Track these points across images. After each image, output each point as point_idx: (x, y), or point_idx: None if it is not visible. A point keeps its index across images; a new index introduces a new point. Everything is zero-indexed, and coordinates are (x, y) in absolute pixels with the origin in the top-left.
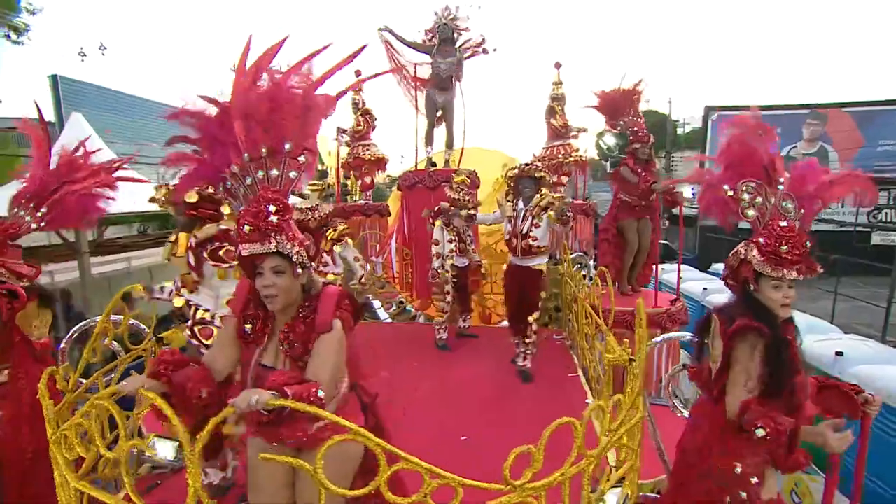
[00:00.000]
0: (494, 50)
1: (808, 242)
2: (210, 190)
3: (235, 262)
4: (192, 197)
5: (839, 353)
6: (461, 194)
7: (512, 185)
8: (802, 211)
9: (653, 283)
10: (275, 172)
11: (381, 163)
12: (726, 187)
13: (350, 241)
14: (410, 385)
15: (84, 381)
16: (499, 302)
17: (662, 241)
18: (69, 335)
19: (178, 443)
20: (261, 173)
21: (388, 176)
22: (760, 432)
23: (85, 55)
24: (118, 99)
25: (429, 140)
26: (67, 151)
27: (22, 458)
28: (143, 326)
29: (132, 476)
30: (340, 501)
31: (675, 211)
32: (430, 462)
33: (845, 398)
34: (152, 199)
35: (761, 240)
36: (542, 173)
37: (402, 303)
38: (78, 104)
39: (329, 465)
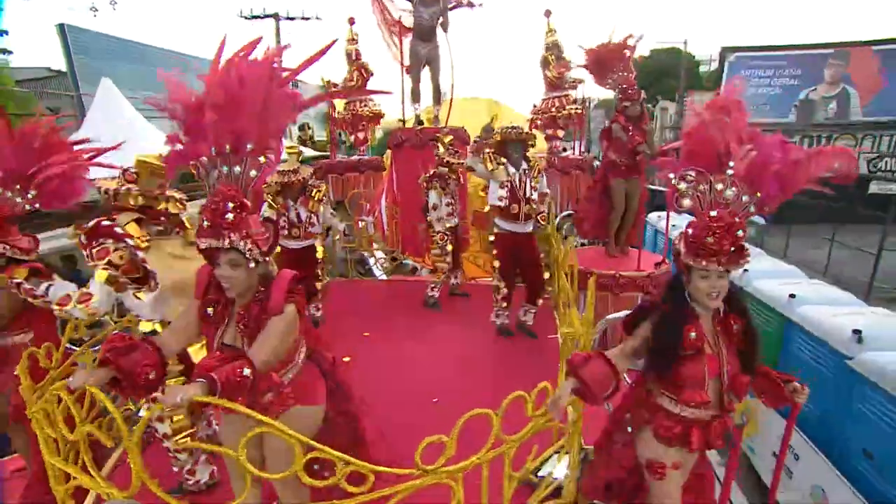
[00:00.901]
0: (480, 4)
1: (739, 231)
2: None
3: None
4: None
5: (792, 296)
6: (456, 157)
7: (498, 149)
8: (755, 196)
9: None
10: (237, 170)
11: (377, 118)
12: (671, 176)
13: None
14: (394, 344)
15: (75, 347)
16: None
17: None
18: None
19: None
20: (225, 168)
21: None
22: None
23: (97, 10)
24: (126, 46)
25: (415, 96)
26: (41, 131)
27: None
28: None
29: (88, 453)
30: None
31: None
32: (394, 423)
33: (775, 385)
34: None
35: (689, 230)
36: (525, 135)
37: (395, 258)
38: (86, 52)
39: (298, 425)
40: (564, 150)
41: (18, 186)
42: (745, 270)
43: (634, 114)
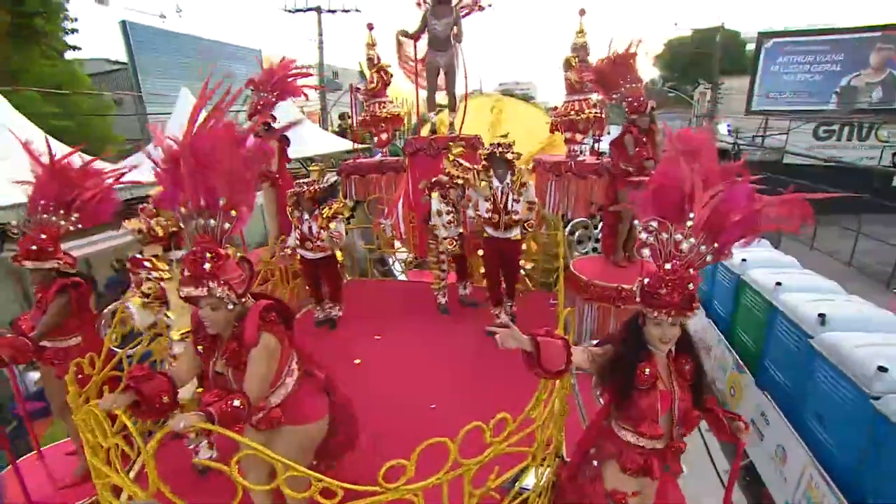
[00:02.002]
0: (490, 5)
1: (690, 285)
2: None
3: None
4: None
5: (778, 284)
6: (460, 169)
7: (485, 164)
8: (712, 246)
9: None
10: (212, 223)
11: (397, 120)
12: (636, 223)
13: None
14: (402, 348)
15: (119, 349)
16: None
17: None
18: (103, 317)
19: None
20: (201, 220)
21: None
22: None
23: (164, 17)
24: (180, 39)
25: (431, 105)
26: (74, 164)
27: None
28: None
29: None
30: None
31: (718, 144)
32: (391, 428)
33: (720, 422)
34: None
35: (646, 280)
36: (512, 156)
37: (416, 258)
38: (145, 47)
39: (287, 443)
40: (581, 154)
41: (62, 211)
42: (744, 260)
43: (644, 125)
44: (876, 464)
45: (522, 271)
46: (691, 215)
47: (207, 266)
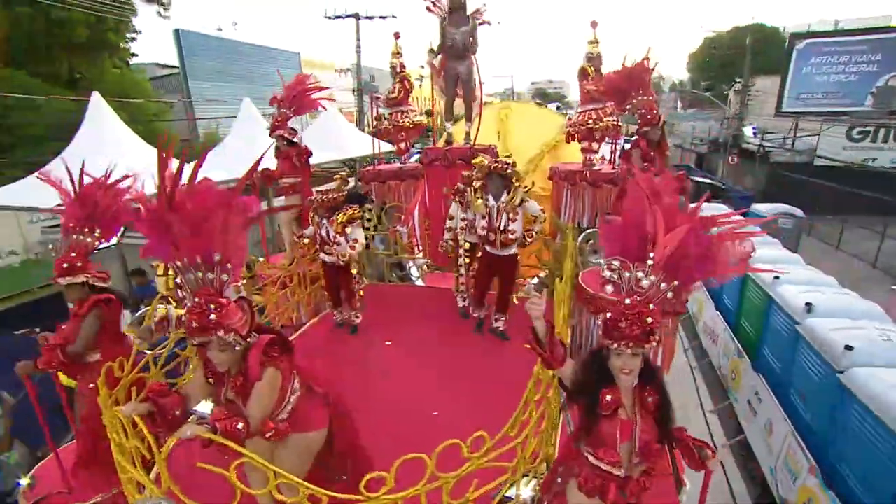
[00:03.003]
0: (500, 23)
1: (649, 319)
2: None
3: None
4: None
5: (776, 278)
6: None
7: (482, 181)
8: (671, 284)
9: None
10: (210, 276)
11: (418, 128)
12: (601, 262)
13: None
14: (413, 354)
15: (148, 352)
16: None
17: (718, 181)
18: (131, 321)
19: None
20: (200, 274)
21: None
22: None
23: (221, 29)
24: (225, 45)
25: (449, 114)
26: (98, 183)
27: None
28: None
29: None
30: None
31: (746, 145)
32: (388, 432)
33: (689, 450)
34: None
35: (608, 314)
36: (509, 171)
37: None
38: (196, 52)
39: (290, 449)
40: (594, 163)
41: (87, 229)
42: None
43: (655, 138)
44: (840, 429)
45: (536, 278)
46: (651, 255)
47: (213, 317)
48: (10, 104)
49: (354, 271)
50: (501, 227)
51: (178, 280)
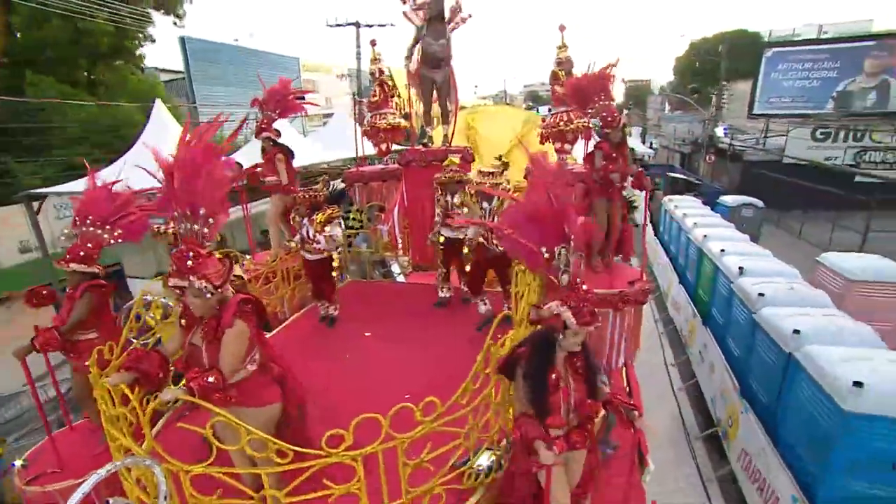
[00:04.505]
0: (469, 15)
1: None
2: None
3: None
4: None
5: (741, 269)
6: (446, 175)
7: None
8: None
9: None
10: (195, 227)
11: (397, 131)
12: (544, 250)
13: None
14: (389, 344)
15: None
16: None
17: (694, 178)
18: (122, 312)
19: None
20: (187, 225)
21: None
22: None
23: (237, 39)
24: (226, 50)
25: (427, 119)
26: (121, 193)
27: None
28: (170, 304)
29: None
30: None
31: (721, 145)
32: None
33: (617, 410)
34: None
35: (572, 303)
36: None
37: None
38: (200, 57)
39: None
40: (567, 163)
41: (107, 226)
42: (706, 236)
43: (616, 140)
44: (752, 354)
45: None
46: (570, 237)
47: (189, 263)
48: (41, 108)
49: (336, 262)
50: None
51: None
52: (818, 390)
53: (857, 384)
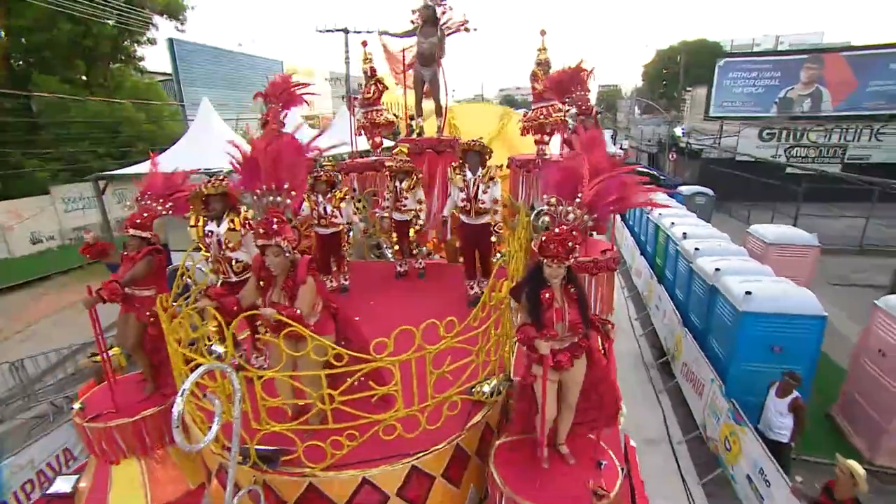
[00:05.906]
0: (475, 29)
1: (570, 243)
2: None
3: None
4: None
5: (697, 249)
6: (396, 163)
7: (461, 158)
8: (592, 217)
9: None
10: (279, 199)
11: (390, 125)
12: (546, 197)
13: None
14: (389, 308)
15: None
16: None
17: (657, 173)
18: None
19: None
20: (271, 198)
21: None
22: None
23: (241, 44)
24: (219, 53)
25: (418, 111)
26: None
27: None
28: (203, 269)
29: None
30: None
31: (682, 144)
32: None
33: (597, 327)
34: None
35: (543, 238)
36: (480, 149)
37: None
38: (189, 59)
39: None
40: (546, 153)
41: (161, 200)
42: (660, 215)
43: (590, 126)
44: (690, 292)
45: (499, 254)
46: (579, 195)
47: (276, 226)
48: (45, 107)
49: (352, 235)
50: (476, 197)
51: (253, 201)
52: (725, 301)
53: (748, 293)
